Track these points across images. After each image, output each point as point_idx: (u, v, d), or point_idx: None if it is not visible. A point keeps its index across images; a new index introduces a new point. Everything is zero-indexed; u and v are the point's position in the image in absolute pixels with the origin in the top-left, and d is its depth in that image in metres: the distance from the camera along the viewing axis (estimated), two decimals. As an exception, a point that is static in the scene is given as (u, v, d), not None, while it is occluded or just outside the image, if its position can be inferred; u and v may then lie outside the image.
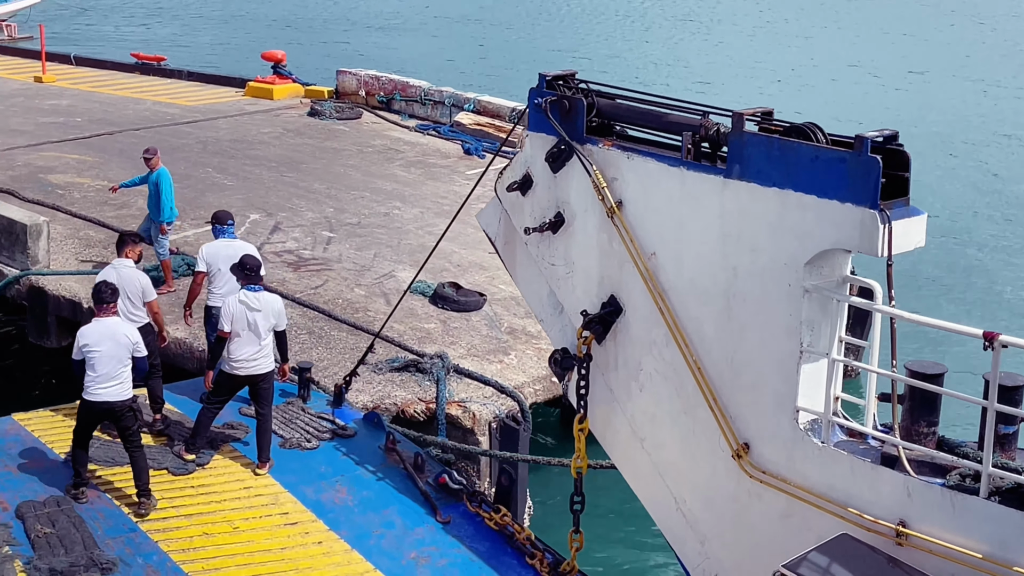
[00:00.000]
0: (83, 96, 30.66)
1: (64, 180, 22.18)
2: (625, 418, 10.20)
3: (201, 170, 23.30)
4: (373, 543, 11.58)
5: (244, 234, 19.02)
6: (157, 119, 28.08)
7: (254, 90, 31.01)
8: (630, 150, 9.69)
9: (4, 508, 11.69)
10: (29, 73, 33.03)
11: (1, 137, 25.32)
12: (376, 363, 14.86)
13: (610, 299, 10.07)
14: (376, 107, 29.18)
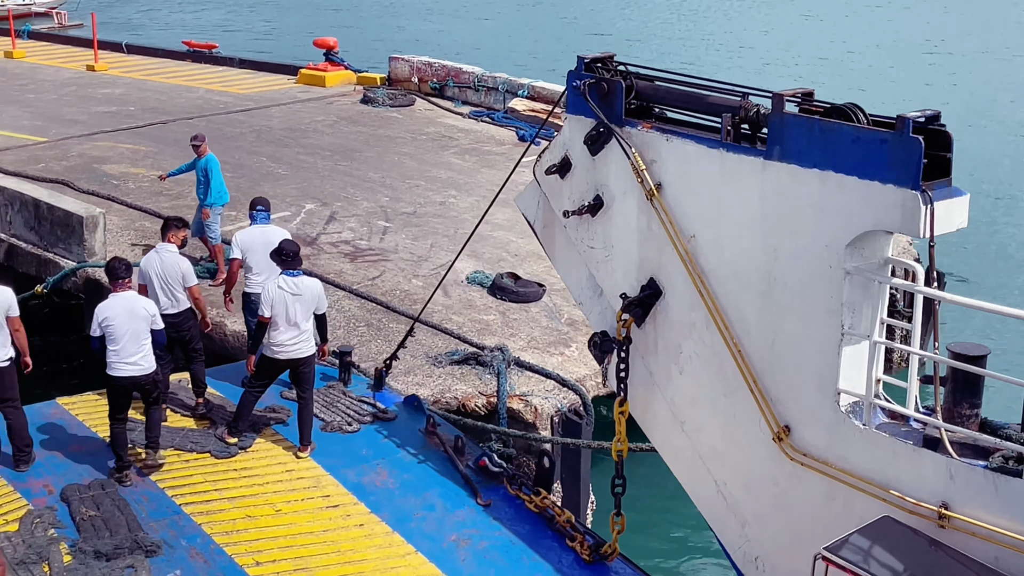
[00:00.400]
0: (136, 85, 30.75)
1: (119, 170, 22.22)
2: (665, 401, 10.18)
3: (255, 159, 23.37)
4: (414, 525, 11.63)
5: (299, 224, 19.50)
6: (210, 107, 28.10)
7: (306, 77, 31.02)
8: (669, 132, 9.65)
9: (49, 491, 11.82)
10: (81, 62, 33.23)
11: (55, 127, 25.42)
12: (436, 356, 14.90)
13: (649, 282, 10.04)
14: (429, 94, 29.10)
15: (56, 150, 23.56)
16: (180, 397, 13.69)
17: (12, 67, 33.11)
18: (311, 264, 17.30)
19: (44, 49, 36.05)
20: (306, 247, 18.14)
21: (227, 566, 10.85)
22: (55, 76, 31.77)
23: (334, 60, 31.15)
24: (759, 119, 8.99)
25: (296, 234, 18.38)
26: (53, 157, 22.95)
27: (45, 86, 30.43)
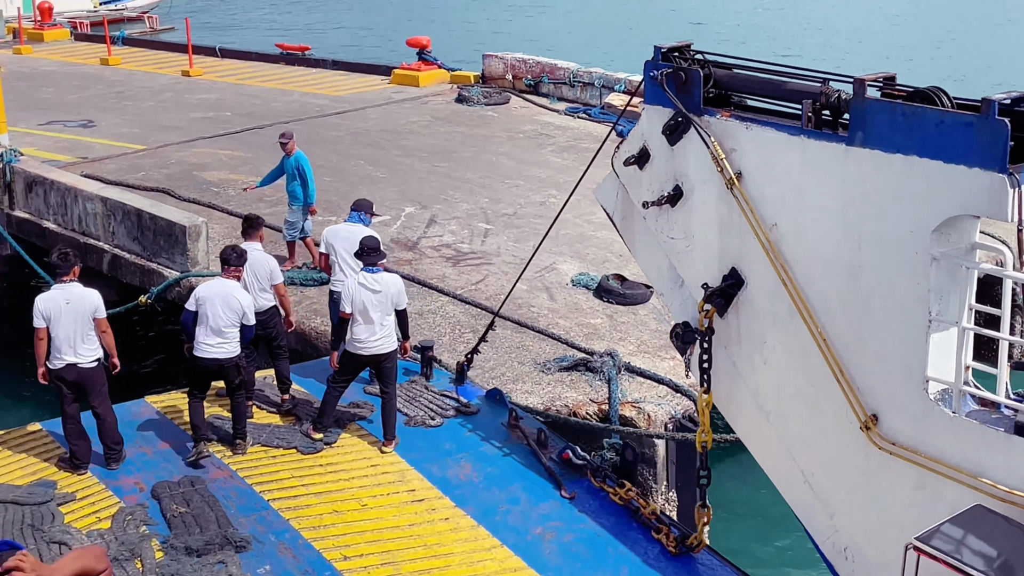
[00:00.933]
0: (231, 89, 30.78)
1: (218, 177, 22.18)
2: (749, 392, 10.10)
3: (353, 162, 23.23)
4: (499, 519, 11.66)
5: (400, 228, 19.36)
6: (306, 111, 28.02)
7: (400, 77, 30.93)
8: (749, 120, 9.57)
9: (140, 488, 12.01)
10: (176, 67, 33.44)
11: (154, 134, 25.52)
12: (544, 363, 14.61)
13: (731, 272, 9.96)
14: (524, 91, 28.89)
15: (156, 158, 23.67)
16: (266, 394, 13.85)
17: (109, 74, 33.30)
18: (413, 269, 17.34)
19: (139, 55, 36.39)
20: (407, 251, 18.26)
21: (315, 561, 10.96)
22: (151, 82, 31.99)
23: (427, 59, 31.02)
24: (840, 105, 8.88)
25: (397, 238, 18.78)
26: (153, 165, 23.06)
27: (142, 93, 30.57)
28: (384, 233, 18.45)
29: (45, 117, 27.23)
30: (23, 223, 20.13)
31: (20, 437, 13.10)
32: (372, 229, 13.94)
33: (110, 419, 12.42)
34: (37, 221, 19.88)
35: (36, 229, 19.94)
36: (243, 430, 12.79)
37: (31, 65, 34.65)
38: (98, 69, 34.04)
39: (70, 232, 19.06)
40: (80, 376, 12.06)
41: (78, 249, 17.96)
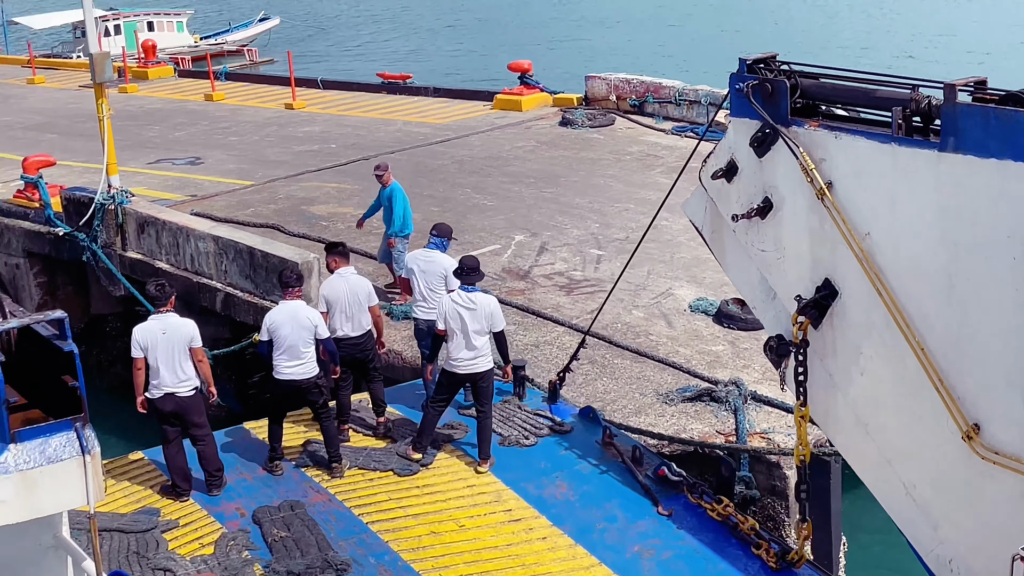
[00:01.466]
0: (334, 121, 30.70)
1: (326, 211, 22.06)
2: (847, 404, 9.99)
3: (460, 191, 22.98)
4: (596, 537, 11.64)
5: (511, 257, 19.11)
6: (409, 140, 27.86)
7: (502, 102, 30.56)
8: (837, 129, 9.48)
9: (241, 514, 12.17)
10: (279, 100, 33.55)
11: (261, 169, 25.55)
12: (666, 393, 14.22)
13: (824, 282, 9.87)
14: (628, 111, 28.40)
15: (263, 193, 23.59)
16: (361, 417, 13.97)
17: (213, 110, 33.59)
18: (527, 299, 17.20)
19: (242, 89, 36.66)
20: (520, 281, 18.07)
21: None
22: (255, 116, 32.08)
23: (529, 83, 30.68)
24: (931, 111, 8.76)
25: (508, 267, 18.65)
26: (261, 200, 22.99)
27: (246, 127, 30.64)
28: (495, 262, 18.71)
29: (153, 155, 27.54)
30: (136, 264, 20.15)
31: (123, 466, 13.36)
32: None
33: (210, 446, 12.62)
34: (150, 261, 19.88)
35: (149, 269, 19.76)
36: (337, 453, 12.93)
37: (137, 103, 35.01)
38: (203, 105, 34.42)
39: (183, 271, 19.08)
40: (178, 405, 12.27)
41: (191, 289, 18.50)
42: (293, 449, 13.40)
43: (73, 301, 22.14)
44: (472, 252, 17.99)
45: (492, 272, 18.11)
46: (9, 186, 24.08)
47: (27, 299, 22.18)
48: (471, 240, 19.62)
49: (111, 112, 19.64)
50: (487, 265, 17.93)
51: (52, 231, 21.40)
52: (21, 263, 22.50)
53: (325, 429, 12.96)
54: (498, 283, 17.85)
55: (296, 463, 13.15)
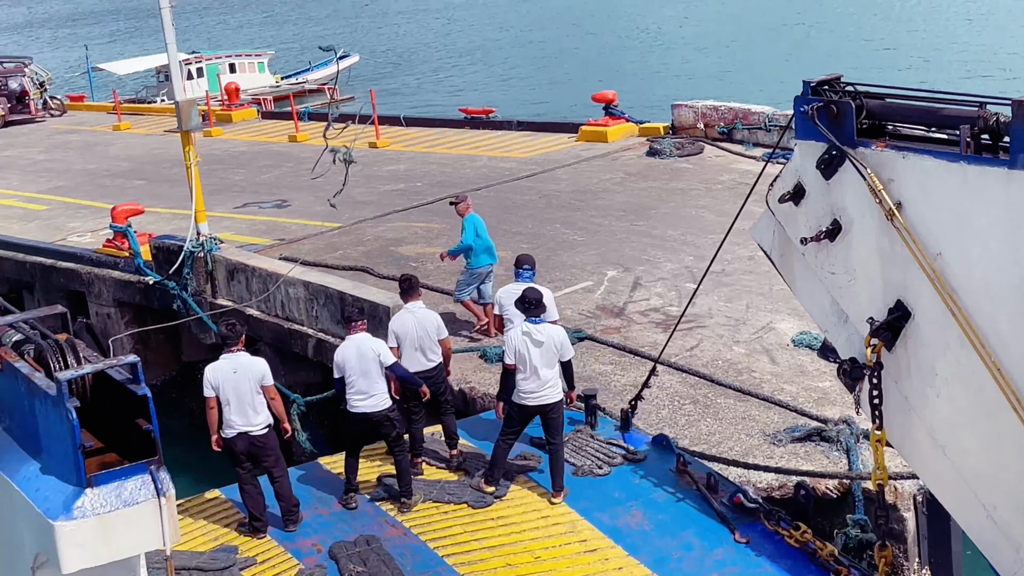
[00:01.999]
0: (419, 159, 30.57)
1: (415, 251, 21.81)
2: (923, 426, 9.83)
3: (549, 227, 22.61)
4: (673, 566, 11.55)
5: (604, 293, 18.68)
6: (495, 175, 27.55)
7: (587, 134, 30.19)
8: (905, 149, 9.38)
9: (318, 550, 12.23)
10: (363, 139, 32.54)
11: (348, 210, 24.80)
12: (774, 433, 13.67)
13: (896, 304, 9.74)
14: (717, 139, 27.86)
15: (351, 235, 23.40)
16: (434, 450, 14.00)
17: (298, 151, 33.25)
18: (623, 337, 16.73)
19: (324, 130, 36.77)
20: (614, 318, 17.60)
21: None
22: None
23: (614, 113, 30.29)
24: (999, 128, 8.65)
25: (602, 304, 18.21)
26: (349, 243, 22.80)
27: (332, 168, 30.56)
28: (588, 300, 18.48)
29: (240, 199, 27.64)
30: (227, 311, 19.51)
31: (200, 504, 13.49)
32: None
33: (285, 481, 12.73)
34: (240, 309, 19.72)
35: (240, 317, 19.01)
36: (408, 487, 12.97)
37: (222, 147, 35.19)
38: (287, 147, 34.40)
39: (273, 318, 19.04)
40: (251, 444, 12.40)
41: (282, 335, 18.53)
42: (368, 483, 13.45)
43: (164, 349, 22.31)
44: (565, 290, 18.71)
45: (586, 310, 18.01)
46: (98, 235, 24.31)
47: (119, 347, 21.86)
48: (563, 277, 19.48)
49: (198, 159, 19.76)
50: (579, 303, 18.27)
51: (142, 280, 21.54)
52: (112, 312, 22.66)
53: (398, 463, 13.04)
54: (592, 321, 17.56)
55: (371, 497, 13.21)
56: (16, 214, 28.57)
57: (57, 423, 5.81)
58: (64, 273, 23.74)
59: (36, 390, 6.00)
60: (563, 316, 16.80)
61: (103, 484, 5.74)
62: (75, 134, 41.37)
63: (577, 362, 15.03)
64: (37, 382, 6.02)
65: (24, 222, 27.64)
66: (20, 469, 6.05)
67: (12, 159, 37.19)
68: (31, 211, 28.80)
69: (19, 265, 24.79)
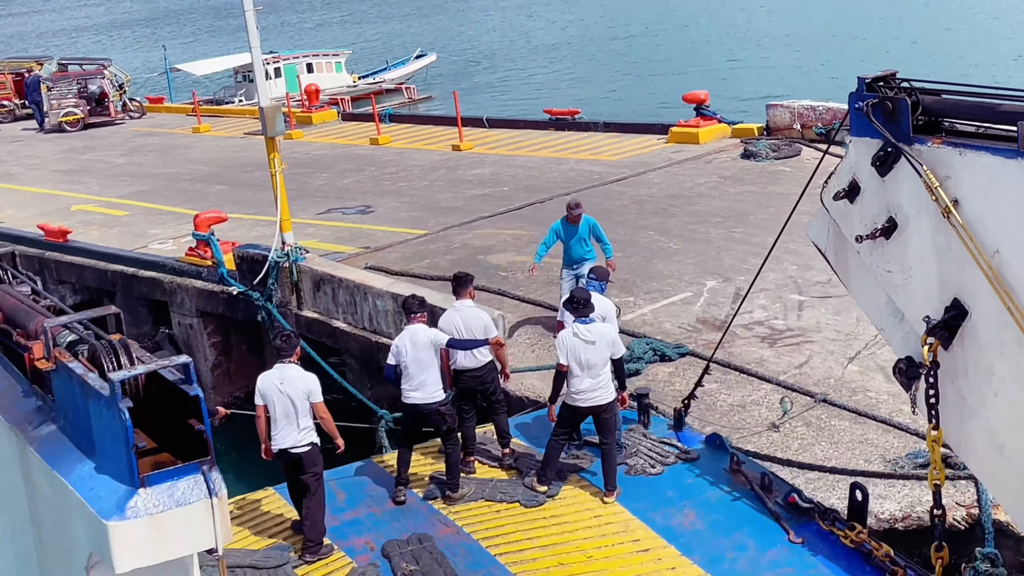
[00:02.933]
0: (504, 162, 29.69)
1: (505, 260, 21.05)
2: (980, 426, 9.70)
3: (642, 234, 21.57)
4: (727, 567, 11.47)
5: (704, 305, 17.79)
6: (584, 179, 26.65)
7: (678, 135, 29.22)
8: (962, 146, 9.26)
9: (371, 548, 12.26)
10: (445, 142, 32.88)
11: (433, 216, 24.71)
12: (895, 459, 12.88)
13: (953, 302, 9.61)
14: (815, 140, 26.78)
15: (438, 243, 22.64)
16: (487, 448, 14.00)
17: (380, 154, 33.01)
18: (727, 353, 15.59)
19: (406, 131, 36.05)
20: (717, 332, 15.92)
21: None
22: (422, 160, 31.32)
23: (706, 114, 29.39)
24: (1058, 123, 8.50)
25: (702, 317, 17.25)
26: (437, 251, 22.07)
27: (414, 172, 30.00)
28: (687, 312, 17.61)
29: (323, 205, 27.06)
30: (312, 323, 19.58)
31: (254, 501, 13.57)
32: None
33: (316, 508, 12.26)
34: (327, 321, 19.31)
35: (326, 329, 19.36)
36: (454, 482, 13.03)
37: (303, 150, 34.75)
38: (369, 150, 33.91)
39: (360, 330, 18.59)
40: (292, 462, 12.22)
41: (370, 348, 18.06)
42: (421, 481, 13.48)
43: (247, 360, 21.93)
44: (663, 301, 18.11)
45: (686, 323, 17.19)
46: (180, 243, 24.12)
47: (201, 359, 22.05)
48: (660, 288, 18.72)
49: (283, 166, 19.35)
50: (679, 316, 17.46)
51: (226, 290, 21.13)
52: (195, 323, 22.33)
53: (447, 455, 13.10)
54: (693, 335, 16.70)
55: (424, 495, 13.23)
56: (96, 220, 28.26)
57: (110, 423, 5.85)
58: (146, 282, 23.45)
59: (90, 390, 6.05)
60: (662, 330, 16.87)
61: (156, 484, 5.78)
62: (155, 136, 41.27)
63: (679, 378, 15.33)
64: (91, 382, 6.07)
65: (105, 228, 27.33)
66: (74, 469, 6.10)
67: (92, 163, 37.00)
68: (112, 217, 28.53)
69: (100, 274, 24.54)
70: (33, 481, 6.73)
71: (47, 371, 6.66)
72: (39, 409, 6.92)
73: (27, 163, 37.91)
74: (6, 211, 30.08)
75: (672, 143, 29.40)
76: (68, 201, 30.84)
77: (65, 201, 30.90)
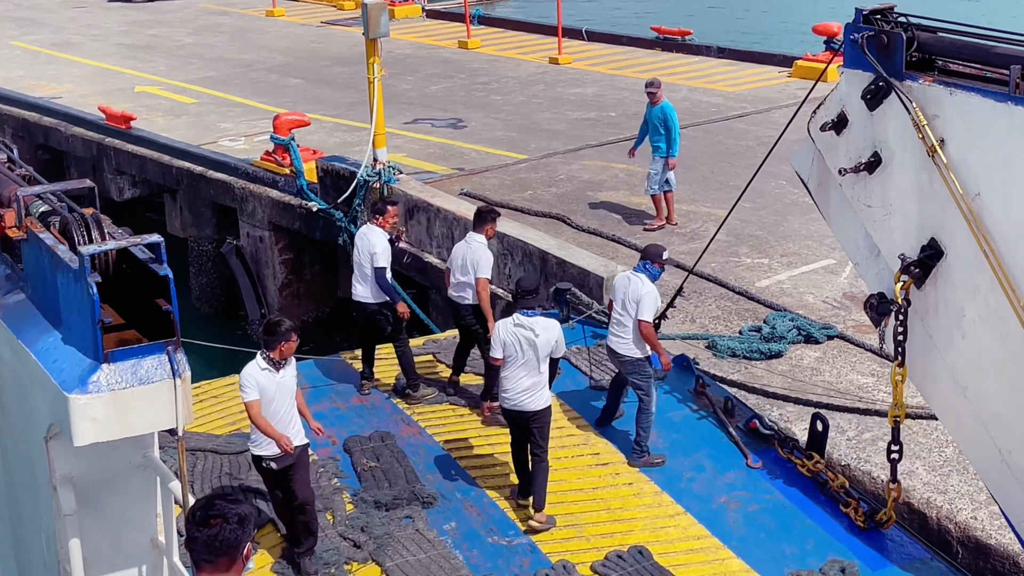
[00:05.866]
0: (607, 82, 27.11)
1: (617, 199, 18.71)
2: (946, 366, 9.77)
3: (773, 183, 18.46)
4: (683, 486, 11.62)
5: (851, 276, 15.21)
6: (700, 112, 24.00)
7: (803, 70, 26.36)
8: (953, 86, 9.20)
9: (333, 442, 12.29)
10: (541, 52, 30.35)
11: (533, 139, 22.41)
12: None
13: (930, 242, 9.62)
14: None
15: (540, 172, 20.34)
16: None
17: (469, 60, 30.55)
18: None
19: (497, 36, 33.39)
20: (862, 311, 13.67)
21: (500, 519, 11.13)
22: (516, 71, 28.79)
23: (837, 49, 27.57)
24: (1052, 70, 8.46)
25: (849, 292, 15.25)
26: (539, 181, 19.84)
27: (509, 84, 27.52)
28: (831, 284, 15.64)
29: (409, 114, 24.58)
30: (400, 253, 17.02)
31: (220, 388, 13.61)
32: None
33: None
34: (417, 253, 17.49)
35: (416, 263, 17.53)
36: (412, 382, 13.24)
37: (386, 47, 29.96)
38: (457, 54, 31.36)
39: None
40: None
41: None
42: (386, 383, 13.54)
43: (319, 283, 20.57)
44: (801, 268, 16.03)
45: (831, 297, 15.18)
46: (253, 142, 22.14)
47: (269, 276, 20.42)
48: (796, 250, 16.64)
49: (383, 73, 17.40)
50: (822, 288, 15.48)
51: (304, 205, 19.15)
52: (265, 236, 20.32)
53: (398, 357, 13.35)
54: (840, 313, 14.70)
55: (388, 395, 13.29)
56: (162, 106, 25.92)
57: (78, 297, 5.81)
58: (214, 184, 21.22)
59: (59, 262, 6.00)
60: (803, 303, 14.92)
61: (120, 361, 5.74)
62: (225, 16, 38.05)
63: (828, 367, 13.42)
64: (60, 254, 6.01)
65: (171, 116, 25.00)
66: (39, 340, 6.07)
67: (158, 39, 34.18)
68: (178, 104, 26.21)
69: (164, 168, 22.33)
70: (-4, 349, 6.72)
71: (17, 240, 6.60)
72: (7, 277, 6.88)
73: (88, 33, 35.24)
74: (65, 84, 28.11)
75: (795, 78, 26.66)
76: (131, 80, 28.63)
77: (128, 80, 28.67)
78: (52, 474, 6.15)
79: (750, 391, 13.10)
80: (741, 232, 16.20)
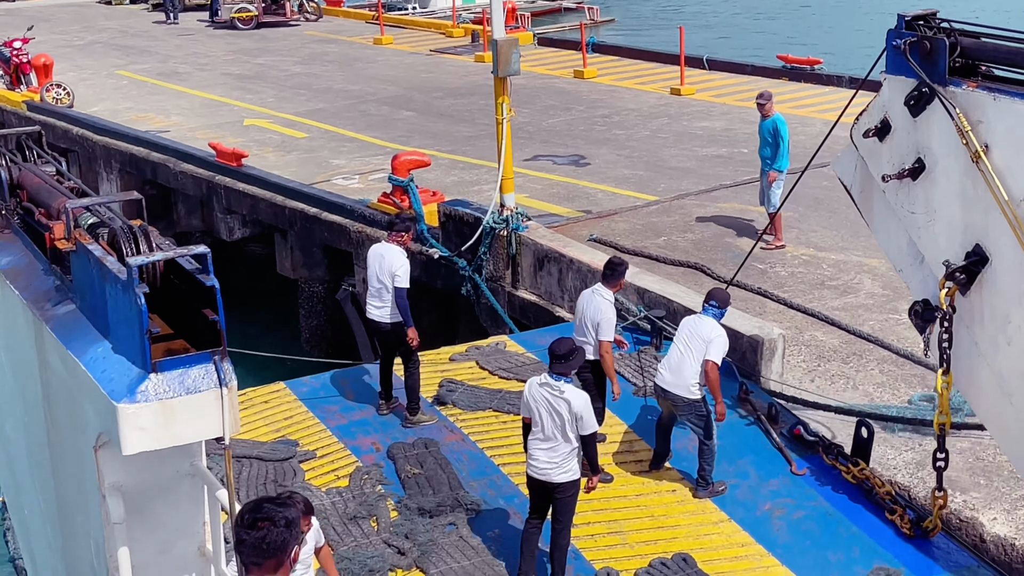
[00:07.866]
0: (735, 115, 25.06)
1: (760, 247, 16.14)
2: (992, 373, 9.71)
3: None
4: (728, 493, 11.58)
5: None
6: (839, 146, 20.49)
7: None
8: (997, 91, 9.15)
9: (377, 449, 12.42)
10: (660, 82, 28.73)
11: (662, 178, 20.81)
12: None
13: (975, 248, 9.56)
14: None
15: (673, 215, 18.71)
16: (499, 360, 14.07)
17: (586, 91, 28.79)
18: None
19: (612, 65, 31.78)
20: None
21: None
22: (637, 102, 27.19)
23: None
24: (1097, 75, 8.40)
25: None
26: (673, 226, 18.14)
27: (630, 117, 25.83)
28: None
29: (528, 150, 22.67)
30: (529, 307, 16.33)
31: (266, 395, 13.72)
32: None
33: None
34: (547, 307, 16.04)
35: (546, 317, 15.97)
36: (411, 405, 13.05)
37: None
38: (573, 83, 29.76)
39: None
40: None
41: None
42: (431, 388, 13.60)
43: (435, 334, 17.63)
44: None
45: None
46: (367, 180, 21.06)
47: None
48: None
49: (511, 114, 16.25)
50: None
51: (425, 251, 17.61)
52: None
53: (405, 379, 13.13)
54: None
55: (431, 403, 13.35)
56: (273, 140, 24.73)
57: (126, 308, 5.88)
58: (329, 227, 19.83)
59: (107, 273, 6.07)
60: None
61: (168, 370, 5.80)
62: (332, 44, 36.94)
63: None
64: (109, 266, 6.09)
65: (282, 152, 23.77)
66: (88, 350, 6.15)
67: (265, 69, 33.05)
68: (289, 138, 24.92)
69: (276, 209, 20.92)
70: (47, 359, 6.81)
71: (67, 252, 6.69)
72: (57, 288, 6.97)
73: (195, 62, 34.29)
74: (172, 117, 27.08)
75: None
76: (240, 112, 27.47)
77: (237, 112, 27.51)
78: (101, 483, 6.22)
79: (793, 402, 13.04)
80: (900, 286, 13.70)
